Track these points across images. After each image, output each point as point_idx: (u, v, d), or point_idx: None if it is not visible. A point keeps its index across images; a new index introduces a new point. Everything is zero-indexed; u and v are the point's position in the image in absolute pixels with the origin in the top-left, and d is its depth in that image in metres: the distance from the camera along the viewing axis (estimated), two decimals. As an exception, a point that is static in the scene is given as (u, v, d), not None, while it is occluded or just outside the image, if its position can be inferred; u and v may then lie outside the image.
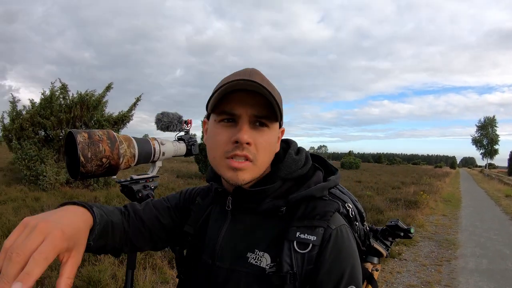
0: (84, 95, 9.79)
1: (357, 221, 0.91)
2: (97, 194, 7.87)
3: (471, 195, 16.59)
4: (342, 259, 0.73)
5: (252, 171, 0.76)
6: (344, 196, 0.91)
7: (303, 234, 0.73)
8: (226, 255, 0.81)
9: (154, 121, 1.57)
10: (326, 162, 0.92)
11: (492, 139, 48.44)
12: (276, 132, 0.80)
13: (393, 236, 1.04)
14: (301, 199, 0.78)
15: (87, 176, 1.19)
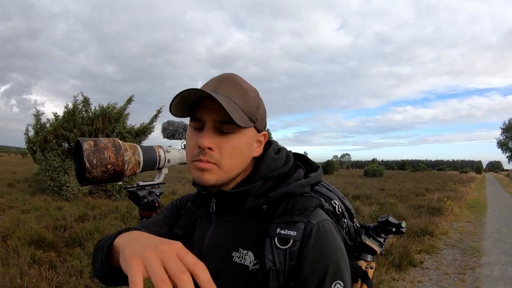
0: (106, 108, 10.07)
1: (345, 218, 0.92)
2: (118, 204, 8.02)
3: (497, 200, 16.03)
4: (325, 254, 0.73)
5: (217, 174, 0.78)
6: (330, 194, 0.93)
7: (283, 230, 0.74)
8: (212, 255, 0.83)
9: (161, 130, 1.62)
10: (309, 160, 0.93)
11: (519, 142, 46.75)
12: (246, 137, 0.80)
13: (385, 232, 1.04)
14: (281, 196, 0.79)
15: (93, 182, 1.24)
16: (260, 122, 0.83)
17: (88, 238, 4.98)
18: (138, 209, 1.51)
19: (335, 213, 0.87)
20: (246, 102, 0.78)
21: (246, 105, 0.78)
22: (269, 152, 0.86)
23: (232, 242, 0.81)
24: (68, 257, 4.32)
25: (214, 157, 0.77)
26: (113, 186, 9.68)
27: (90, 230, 5.28)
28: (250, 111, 0.79)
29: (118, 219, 6.41)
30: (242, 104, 0.77)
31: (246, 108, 0.78)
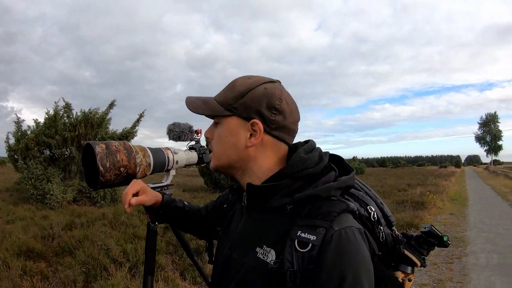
0: (88, 113, 9.89)
1: (382, 225, 0.89)
2: (104, 211, 7.88)
3: (477, 193, 16.52)
4: (344, 262, 0.71)
5: (213, 160, 0.93)
6: (367, 198, 0.90)
7: (304, 233, 0.74)
8: (239, 248, 0.88)
9: (166, 132, 1.61)
10: (343, 162, 0.91)
11: (495, 135, 48.31)
12: (227, 125, 0.88)
13: (427, 244, 0.95)
14: (307, 198, 0.78)
15: (106, 186, 1.24)
16: (242, 109, 0.85)
17: (78, 246, 4.87)
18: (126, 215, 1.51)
19: (370, 219, 0.85)
20: (225, 95, 0.89)
21: (224, 98, 0.88)
22: (298, 152, 0.85)
23: (258, 237, 0.83)
24: (59, 266, 4.22)
25: (211, 144, 0.93)
26: (97, 193, 9.51)
27: (79, 238, 5.17)
28: (226, 102, 0.87)
29: (106, 226, 6.31)
30: (220, 98, 0.89)
31: (222, 100, 0.88)
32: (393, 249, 0.93)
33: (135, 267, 4.27)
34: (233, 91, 0.87)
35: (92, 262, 4.24)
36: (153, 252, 1.42)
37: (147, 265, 1.40)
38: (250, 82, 0.87)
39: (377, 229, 0.87)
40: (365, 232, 0.79)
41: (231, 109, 0.86)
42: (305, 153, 0.85)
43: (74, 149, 9.62)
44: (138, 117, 10.84)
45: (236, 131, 0.87)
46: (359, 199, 0.89)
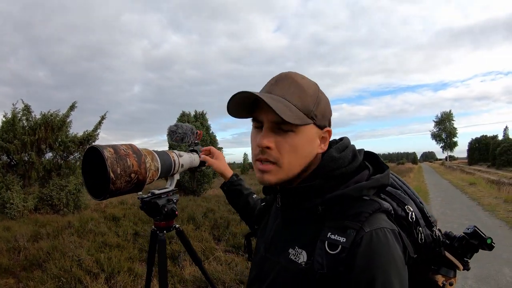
0: (48, 116, 9.34)
1: (420, 226, 0.85)
2: (69, 219, 7.47)
3: (437, 187, 17.38)
4: (374, 265, 0.68)
5: (277, 174, 0.80)
6: (405, 198, 0.87)
7: (334, 235, 0.72)
8: (273, 248, 0.88)
9: (167, 133, 1.52)
10: (378, 160, 0.89)
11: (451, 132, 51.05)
12: (305, 135, 0.80)
13: (471, 247, 0.89)
14: (337, 198, 0.77)
15: (115, 194, 1.13)
16: (321, 117, 0.81)
17: (47, 259, 4.56)
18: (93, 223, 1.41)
19: (407, 219, 0.82)
20: (302, 99, 0.78)
21: (302, 102, 0.78)
22: (330, 151, 0.83)
23: (290, 238, 0.83)
24: (29, 282, 3.91)
25: (273, 156, 0.79)
26: (60, 200, 9.02)
27: (47, 250, 4.84)
28: (307, 107, 0.78)
29: (74, 234, 5.98)
30: (298, 102, 0.78)
31: (302, 105, 0.78)
32: (433, 251, 0.88)
33: (111, 278, 4.06)
34: (307, 95, 0.79)
35: (65, 275, 3.97)
36: (165, 265, 1.32)
37: (162, 281, 1.29)
38: (313, 84, 0.83)
39: (415, 230, 0.83)
40: (399, 233, 0.75)
41: (313, 117, 0.80)
42: (338, 152, 0.83)
43: (33, 154, 9.04)
44: (100, 119, 10.42)
45: (314, 140, 0.82)
46: (396, 198, 0.86)
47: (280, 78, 0.81)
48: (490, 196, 11.89)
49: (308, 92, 0.80)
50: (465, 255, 0.90)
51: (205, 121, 13.60)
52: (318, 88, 0.84)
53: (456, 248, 0.90)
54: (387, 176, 0.83)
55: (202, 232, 6.04)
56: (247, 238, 1.15)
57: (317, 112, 0.80)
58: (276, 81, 0.81)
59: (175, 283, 4.01)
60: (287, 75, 0.82)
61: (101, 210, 8.89)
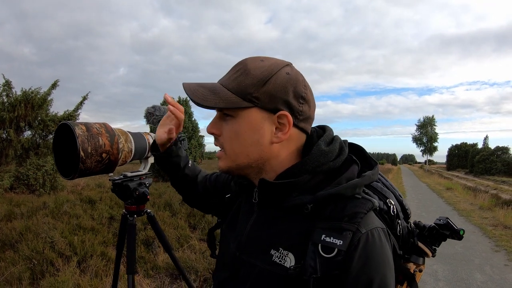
0: (29, 93, 9.10)
1: (400, 218, 0.84)
2: (45, 199, 7.33)
3: (414, 189, 17.67)
4: (371, 267, 0.67)
5: (224, 160, 0.80)
6: (386, 191, 0.84)
7: (329, 237, 0.68)
8: (250, 249, 0.80)
9: (144, 115, 1.49)
10: (366, 154, 0.85)
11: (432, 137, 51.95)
12: (247, 119, 0.75)
13: (440, 236, 0.92)
14: (329, 197, 0.71)
15: (85, 174, 1.10)
16: (267, 99, 0.73)
17: (20, 239, 4.46)
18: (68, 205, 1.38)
19: (389, 213, 0.80)
20: (239, 82, 0.74)
21: (238, 85, 0.74)
22: (319, 144, 0.77)
23: (272, 239, 0.76)
24: (1, 262, 3.82)
25: (220, 142, 0.79)
26: (36, 180, 8.84)
27: (20, 230, 4.73)
28: (243, 89, 0.73)
29: (48, 216, 5.86)
30: (234, 85, 0.74)
31: (237, 88, 0.74)
32: (407, 241, 0.89)
33: (84, 261, 4.00)
34: (248, 77, 0.74)
35: (37, 257, 3.90)
36: (134, 248, 1.30)
37: (130, 263, 1.27)
38: (267, 65, 0.75)
39: (395, 223, 0.82)
40: (387, 231, 0.75)
41: (251, 100, 0.73)
42: (326, 145, 0.78)
43: (12, 131, 8.81)
44: (81, 100, 10.23)
45: (259, 126, 0.75)
46: (377, 191, 0.83)
47: (235, 65, 0.78)
48: (466, 202, 12.16)
49: (252, 73, 0.74)
50: (434, 243, 0.92)
51: (188, 107, 13.47)
52: (279, 67, 0.75)
53: (426, 237, 0.92)
54: (377, 173, 0.81)
55: (178, 219, 6.00)
56: (210, 232, 1.05)
57: (258, 94, 0.73)
58: (231, 69, 0.79)
59: (148, 269, 3.98)
60: (243, 61, 0.78)
61: (78, 192, 8.76)
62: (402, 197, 0.90)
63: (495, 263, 5.14)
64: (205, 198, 1.15)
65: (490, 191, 15.95)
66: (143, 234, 4.81)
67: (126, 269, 1.30)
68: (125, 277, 3.58)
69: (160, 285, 3.62)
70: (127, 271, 1.29)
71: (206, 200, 1.15)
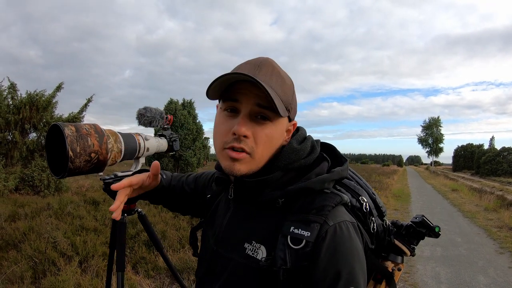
0: (34, 95, 9.22)
1: (373, 215, 0.86)
2: (49, 200, 7.42)
3: (419, 191, 17.59)
4: (339, 258, 0.68)
5: (249, 164, 0.76)
6: (359, 189, 0.87)
7: (297, 229, 0.70)
8: (226, 243, 0.83)
9: (136, 116, 1.52)
10: (336, 152, 0.88)
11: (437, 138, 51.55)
12: (280, 126, 0.79)
13: (418, 234, 0.93)
14: (299, 191, 0.74)
15: (74, 173, 1.13)
16: (293, 111, 0.82)
17: (23, 239, 4.53)
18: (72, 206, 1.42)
19: (362, 210, 0.82)
20: (284, 91, 0.76)
21: (284, 94, 0.76)
22: (291, 142, 0.81)
23: (246, 232, 0.79)
24: (4, 261, 3.89)
25: (249, 145, 0.75)
26: (41, 182, 8.93)
27: (24, 231, 4.81)
28: (286, 99, 0.77)
29: (52, 216, 5.94)
30: (281, 92, 0.75)
31: (283, 96, 0.76)
32: (383, 239, 0.91)
33: (85, 261, 4.05)
34: (286, 86, 0.78)
35: (39, 256, 3.96)
36: (123, 246, 1.33)
37: (119, 261, 1.30)
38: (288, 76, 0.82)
39: (368, 220, 0.84)
40: (358, 225, 0.77)
41: (289, 109, 0.79)
42: (298, 144, 0.81)
43: (17, 133, 8.92)
44: (86, 102, 10.36)
45: (284, 132, 0.82)
46: (350, 189, 0.85)
47: (262, 63, 0.77)
48: (471, 204, 12.10)
49: (287, 83, 0.79)
50: (412, 242, 0.93)
51: (193, 110, 13.55)
52: (292, 81, 0.83)
53: (403, 235, 0.93)
54: (347, 169, 0.83)
55: (180, 221, 6.04)
56: (193, 232, 1.07)
57: (293, 105, 0.80)
58: (259, 66, 0.76)
59: (149, 270, 4.02)
60: (268, 61, 0.78)
61: (82, 193, 8.85)
62: (376, 195, 0.92)
63: (499, 266, 5.10)
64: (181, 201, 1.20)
65: (495, 192, 15.84)
66: (144, 235, 4.85)
67: (116, 267, 1.33)
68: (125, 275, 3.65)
69: (160, 286, 3.66)
70: (117, 268, 1.31)
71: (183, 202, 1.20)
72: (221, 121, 0.79)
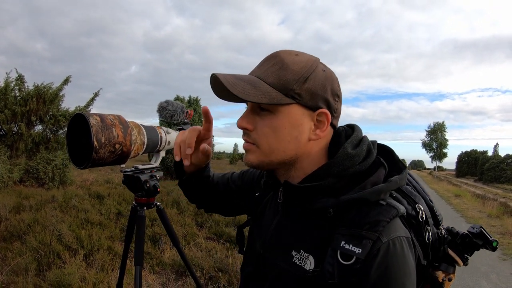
0: (41, 88, 9.23)
1: (429, 225, 0.80)
2: (54, 193, 7.42)
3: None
4: (390, 276, 0.64)
5: (257, 154, 0.76)
6: (416, 195, 0.81)
7: (348, 244, 0.66)
8: (273, 248, 0.81)
9: (157, 109, 1.50)
10: (394, 157, 0.81)
11: (441, 143, 51.43)
12: (287, 115, 0.73)
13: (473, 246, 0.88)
14: (352, 202, 0.69)
15: (97, 164, 1.11)
16: (308, 97, 0.72)
17: (28, 231, 4.52)
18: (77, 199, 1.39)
19: (417, 219, 0.77)
20: (280, 77, 0.71)
21: (279, 80, 0.71)
22: (345, 147, 0.74)
23: (294, 240, 0.76)
24: (8, 253, 3.88)
25: (252, 137, 0.76)
26: (45, 174, 8.94)
27: (28, 222, 4.80)
28: (284, 85, 0.71)
29: (57, 209, 5.94)
30: (274, 80, 0.71)
31: (278, 83, 0.71)
32: (437, 249, 0.86)
33: (90, 255, 4.04)
34: (288, 72, 0.71)
35: (44, 249, 3.94)
36: (142, 240, 1.31)
37: (138, 255, 1.28)
38: (305, 61, 0.74)
39: (424, 230, 0.78)
40: (412, 240, 0.72)
41: (293, 96, 0.71)
42: (353, 148, 0.75)
43: (23, 125, 8.93)
44: (93, 96, 10.37)
45: (299, 123, 0.73)
46: (407, 195, 0.79)
47: (268, 57, 0.76)
48: (474, 210, 12.02)
49: (291, 68, 0.72)
50: (466, 252, 0.88)
51: (198, 107, 13.53)
52: (315, 64, 0.74)
53: (458, 244, 0.88)
54: (405, 178, 0.77)
55: (185, 217, 6.03)
56: (240, 229, 1.03)
57: (300, 90, 0.71)
58: (263, 61, 0.76)
59: (154, 265, 4.00)
60: (277, 53, 0.75)
61: (86, 187, 8.85)
62: (433, 203, 0.86)
63: (501, 272, 5.07)
64: (226, 200, 1.11)
65: (499, 199, 15.74)
66: (150, 230, 4.85)
67: (134, 261, 1.30)
68: (131, 271, 3.64)
69: (165, 281, 3.63)
70: (135, 262, 1.29)
71: (227, 201, 1.12)
72: None
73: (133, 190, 1.35)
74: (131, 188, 1.34)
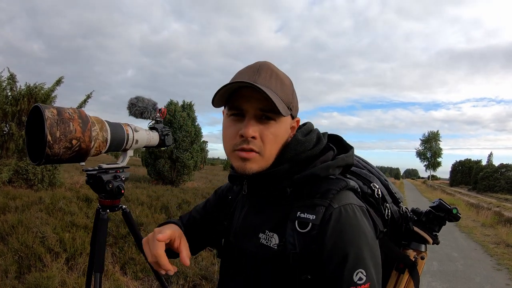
0: (33, 88, 9.12)
1: (387, 202, 0.89)
2: (42, 195, 7.28)
3: (416, 204, 17.37)
4: (345, 240, 0.69)
5: (259, 162, 0.79)
6: (371, 176, 0.91)
7: (303, 213, 0.73)
8: (242, 236, 0.86)
9: (127, 106, 1.43)
10: (342, 142, 0.90)
11: (436, 152, 51.67)
12: (285, 124, 0.82)
13: (438, 219, 0.92)
14: (306, 179, 0.77)
15: (52, 161, 1.04)
16: (295, 109, 0.85)
17: (11, 232, 4.41)
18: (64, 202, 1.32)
19: (374, 196, 0.86)
20: (283, 91, 0.80)
21: (284, 94, 0.79)
22: (296, 135, 0.84)
23: (259, 223, 0.82)
24: (-11, 254, 3.78)
25: (258, 145, 0.78)
26: (35, 175, 8.80)
27: (12, 223, 4.69)
28: (287, 99, 0.80)
29: (43, 211, 5.82)
30: (281, 93, 0.79)
31: (284, 96, 0.79)
32: (400, 225, 0.93)
33: (72, 259, 3.94)
34: (285, 87, 0.81)
35: (26, 251, 3.84)
36: (103, 245, 1.23)
37: (98, 261, 1.20)
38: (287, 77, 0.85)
39: (382, 206, 0.87)
40: (367, 210, 0.78)
41: (291, 109, 0.82)
42: (303, 136, 0.84)
43: (14, 125, 8.81)
44: (85, 98, 10.24)
45: (288, 130, 0.84)
46: (361, 177, 0.90)
47: (261, 67, 0.80)
48: (468, 219, 11.99)
49: (286, 84, 0.82)
50: (433, 228, 0.92)
51: (192, 112, 13.40)
52: (291, 80, 0.86)
53: (424, 222, 0.93)
54: (352, 156, 0.85)
55: (173, 222, 5.93)
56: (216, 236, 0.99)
57: (294, 104, 0.83)
58: (258, 70, 0.80)
59: (138, 271, 3.91)
60: (266, 64, 0.82)
61: (76, 189, 8.72)
62: (388, 181, 0.95)
63: (496, 282, 5.01)
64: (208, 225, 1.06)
65: (493, 209, 15.75)
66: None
67: (94, 267, 1.22)
68: (113, 276, 3.54)
69: None
70: (95, 269, 1.21)
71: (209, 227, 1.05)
72: (228, 125, 0.82)
73: (96, 190, 1.28)
74: (94, 188, 1.27)
